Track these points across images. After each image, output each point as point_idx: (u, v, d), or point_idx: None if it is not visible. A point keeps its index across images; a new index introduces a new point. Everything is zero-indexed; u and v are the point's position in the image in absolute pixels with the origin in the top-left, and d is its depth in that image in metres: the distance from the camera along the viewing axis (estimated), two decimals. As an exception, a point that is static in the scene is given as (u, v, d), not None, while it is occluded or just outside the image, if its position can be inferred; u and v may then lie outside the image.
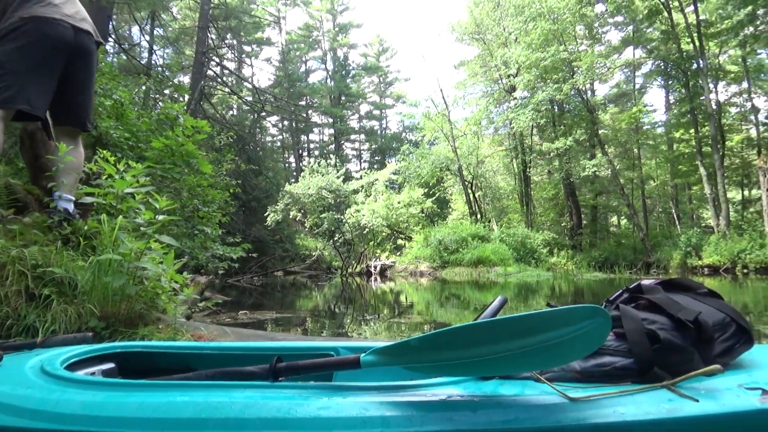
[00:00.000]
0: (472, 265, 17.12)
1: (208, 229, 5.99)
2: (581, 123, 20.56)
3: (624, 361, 1.04)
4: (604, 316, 0.91)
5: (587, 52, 19.41)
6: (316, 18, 41.99)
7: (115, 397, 1.09)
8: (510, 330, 0.96)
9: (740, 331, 1.10)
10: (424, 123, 26.93)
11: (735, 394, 0.97)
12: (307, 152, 43.01)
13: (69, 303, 2.04)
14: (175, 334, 2.19)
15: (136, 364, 1.55)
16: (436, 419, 0.96)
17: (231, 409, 1.02)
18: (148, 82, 11.53)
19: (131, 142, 6.02)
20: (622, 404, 0.96)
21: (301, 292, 12.80)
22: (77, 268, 2.13)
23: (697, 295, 1.18)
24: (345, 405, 1.00)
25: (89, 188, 2.51)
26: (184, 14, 25.22)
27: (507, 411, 0.96)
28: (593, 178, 20.95)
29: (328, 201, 23.29)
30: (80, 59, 2.53)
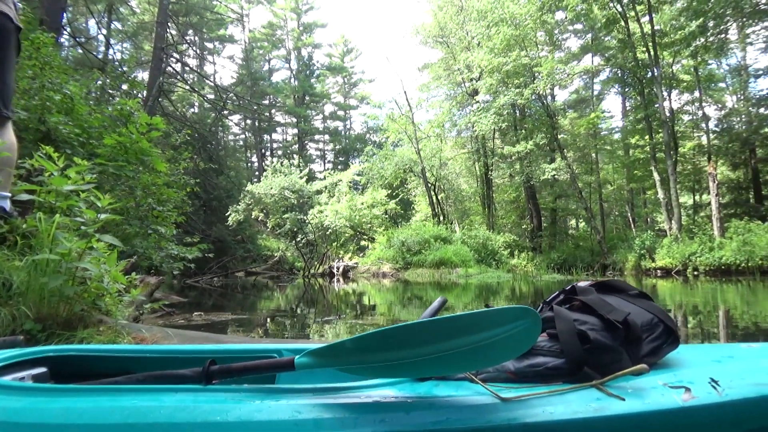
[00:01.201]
0: (434, 266, 17.23)
1: (163, 228, 5.84)
2: (542, 127, 20.99)
3: (556, 361, 1.06)
4: (533, 317, 0.92)
5: (548, 58, 19.83)
6: (280, 17, 41.61)
7: (40, 402, 1.05)
8: (441, 331, 0.96)
9: (667, 331, 1.13)
10: (387, 124, 27.01)
11: (660, 392, 1.00)
12: (270, 152, 42.57)
13: (3, 305, 1.95)
14: (116, 336, 2.12)
15: (70, 368, 1.49)
16: (368, 421, 0.95)
17: (160, 413, 0.99)
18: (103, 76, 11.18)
19: (82, 138, 5.82)
20: (552, 404, 0.97)
21: (262, 293, 12.64)
22: (13, 269, 2.04)
23: (628, 297, 1.22)
24: (278, 407, 0.99)
25: (29, 185, 2.41)
26: (143, 8, 24.61)
27: (439, 412, 0.97)
28: (553, 181, 21.43)
29: (290, 201, 23.09)
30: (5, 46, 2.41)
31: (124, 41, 25.86)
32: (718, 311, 6.67)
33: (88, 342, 1.99)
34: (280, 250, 23.13)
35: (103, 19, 21.32)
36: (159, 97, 18.36)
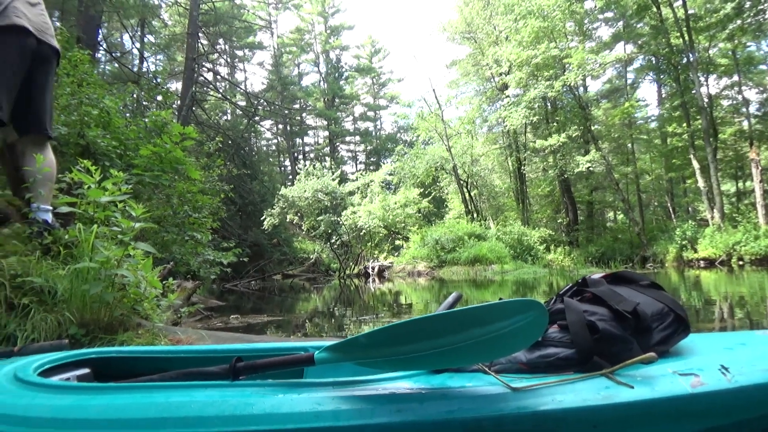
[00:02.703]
0: (469, 263, 17.16)
1: (199, 234, 6.02)
2: (574, 119, 20.62)
3: (566, 351, 1.08)
4: (539, 309, 0.95)
5: (578, 49, 19.47)
6: (307, 21, 42.01)
7: (81, 400, 1.13)
8: (451, 324, 1.00)
9: (678, 320, 1.14)
10: (417, 123, 27.00)
11: (669, 380, 1.01)
12: (302, 155, 43.04)
13: (49, 311, 2.08)
14: (154, 339, 2.23)
15: (111, 369, 1.58)
16: (384, 411, 1.00)
17: (191, 408, 1.06)
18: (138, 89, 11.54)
19: (119, 150, 6.04)
20: (561, 392, 1.00)
21: (299, 295, 12.81)
22: (57, 277, 2.17)
23: (639, 287, 1.23)
24: (299, 400, 1.04)
25: (70, 198, 2.55)
26: (174, 20, 25.24)
27: (452, 401, 1.01)
28: (588, 174, 21.01)
29: (324, 203, 23.31)
30: (40, 66, 2.56)
31: (157, 53, 26.59)
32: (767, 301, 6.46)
33: (128, 344, 2.10)
34: (315, 252, 23.37)
35: (136, 33, 21.95)
36: (192, 107, 18.82)
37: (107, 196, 2.43)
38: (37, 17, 2.51)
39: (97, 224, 2.31)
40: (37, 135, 2.63)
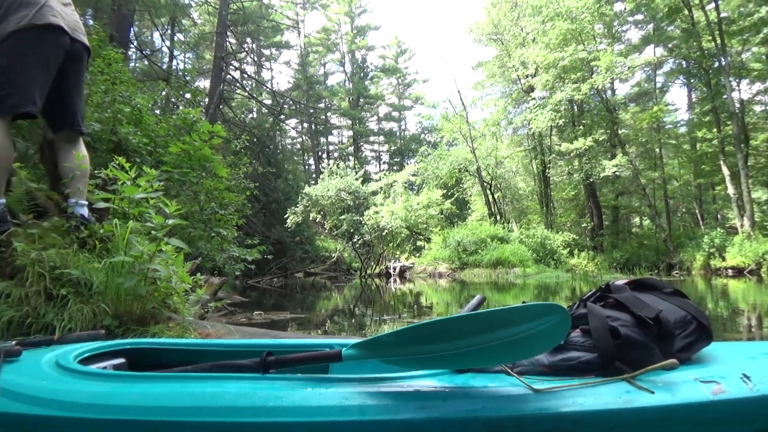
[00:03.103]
0: (491, 266, 17.09)
1: (225, 231, 6.13)
2: (601, 123, 20.35)
3: (588, 355, 1.10)
4: (562, 313, 0.98)
5: (606, 52, 19.21)
6: (334, 21, 42.25)
7: (121, 387, 1.19)
8: (475, 326, 1.03)
9: (701, 328, 1.16)
10: (442, 124, 26.94)
11: (690, 386, 1.03)
12: (326, 154, 43.31)
13: (85, 302, 2.17)
14: (184, 332, 2.30)
15: (144, 359, 1.66)
16: (408, 407, 1.04)
17: (223, 398, 1.11)
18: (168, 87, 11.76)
19: (150, 147, 6.18)
20: (582, 395, 1.02)
21: (320, 293, 12.91)
22: (93, 270, 2.25)
23: (663, 294, 1.24)
24: (327, 394, 1.09)
25: (105, 194, 2.64)
26: (203, 19, 25.60)
27: (474, 401, 1.04)
28: (614, 178, 20.72)
29: (347, 203, 23.43)
30: (72, 64, 2.64)
31: (186, 52, 27.02)
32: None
33: (159, 336, 2.18)
34: (337, 251, 23.51)
35: (166, 31, 22.34)
36: (220, 105, 19.08)
37: (141, 192, 2.52)
38: (70, 16, 2.60)
39: (132, 220, 2.39)
40: (70, 131, 2.72)
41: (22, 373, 1.33)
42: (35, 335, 2.00)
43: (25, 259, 2.13)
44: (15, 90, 2.32)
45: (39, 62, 2.42)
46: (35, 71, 2.40)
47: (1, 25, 2.36)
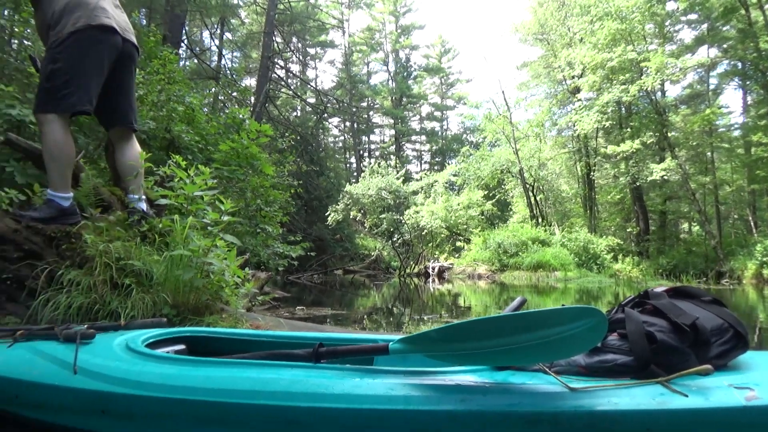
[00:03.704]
0: (531, 269, 16.89)
1: (270, 227, 6.31)
2: (650, 125, 19.78)
3: (624, 358, 1.15)
4: (599, 317, 1.03)
5: (657, 52, 18.66)
6: (378, 20, 42.42)
7: (186, 370, 1.31)
8: (514, 325, 1.09)
9: (737, 336, 1.19)
10: (485, 125, 26.72)
11: (723, 392, 1.06)
12: (367, 153, 43.56)
13: (146, 292, 2.33)
14: (236, 322, 2.44)
15: (202, 346, 1.79)
16: (450, 399, 1.11)
17: (279, 384, 1.21)
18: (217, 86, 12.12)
19: (201, 144, 6.42)
20: (617, 395, 1.07)
21: (359, 291, 13.03)
22: (153, 262, 2.41)
23: (701, 302, 1.27)
24: (374, 384, 1.17)
25: (163, 190, 2.80)
26: (251, 19, 26.16)
27: (513, 396, 1.11)
28: (662, 182, 20.13)
29: (387, 202, 23.55)
30: (124, 63, 2.77)
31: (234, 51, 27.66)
32: None
33: (214, 326, 2.32)
34: (376, 250, 23.65)
35: (216, 30, 22.93)
36: (266, 103, 19.48)
37: (197, 190, 2.67)
38: (120, 17, 2.74)
39: (191, 215, 2.54)
40: (122, 128, 2.88)
41: (97, 354, 1.47)
42: (102, 320, 2.16)
43: (94, 250, 2.30)
44: (74, 89, 2.47)
45: (94, 62, 2.56)
46: (91, 71, 2.55)
47: (57, 28, 2.50)
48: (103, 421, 1.35)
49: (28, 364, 1.50)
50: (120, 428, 1.34)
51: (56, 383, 1.40)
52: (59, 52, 2.45)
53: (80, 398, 1.37)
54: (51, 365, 1.46)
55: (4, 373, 1.51)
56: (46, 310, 2.16)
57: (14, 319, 2.22)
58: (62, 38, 2.46)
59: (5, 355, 1.58)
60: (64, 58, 2.45)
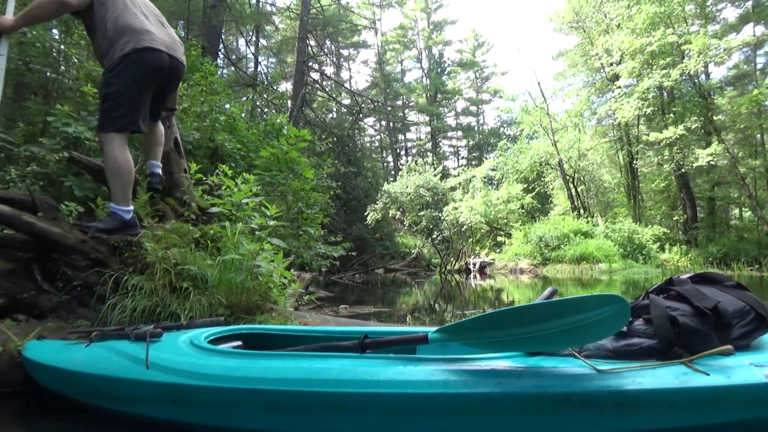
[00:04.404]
0: (574, 261, 16.68)
1: (311, 229, 6.49)
2: (694, 109, 19.16)
3: (649, 342, 1.23)
4: (621, 303, 1.12)
5: (699, 34, 18.07)
6: (410, 18, 42.43)
7: (246, 363, 1.46)
8: (544, 313, 1.19)
9: (758, 318, 1.25)
10: (521, 117, 26.41)
11: (745, 370, 1.13)
12: (404, 151, 43.64)
13: (202, 294, 2.50)
14: (285, 320, 2.60)
15: (256, 341, 1.95)
16: (486, 383, 1.22)
17: (329, 372, 1.35)
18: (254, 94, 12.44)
19: (242, 152, 6.66)
20: (642, 376, 1.16)
21: (401, 289, 13.13)
22: (207, 266, 2.59)
23: (724, 287, 1.34)
24: (416, 371, 1.29)
25: (213, 199, 2.99)
26: (285, 24, 26.61)
27: (544, 378, 1.20)
28: (709, 168, 19.47)
29: (425, 199, 23.60)
30: (170, 79, 2.96)
31: (269, 57, 28.22)
32: None
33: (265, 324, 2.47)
34: (417, 247, 23.72)
35: (251, 38, 23.44)
36: (302, 107, 19.82)
37: (243, 196, 2.84)
38: (167, 36, 2.92)
39: (241, 222, 2.71)
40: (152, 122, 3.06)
41: (165, 350, 1.64)
42: (164, 321, 2.34)
43: (153, 257, 2.49)
44: (128, 110, 2.67)
45: (143, 83, 2.75)
46: (140, 92, 2.74)
47: (110, 53, 2.70)
48: (173, 409, 1.51)
49: (105, 361, 1.69)
50: (189, 416, 1.50)
51: (131, 377, 1.58)
52: (112, 76, 2.66)
53: (153, 390, 1.54)
54: (125, 361, 1.64)
55: (85, 369, 1.70)
56: (114, 313, 2.36)
57: (85, 322, 2.43)
58: (114, 63, 2.65)
59: (84, 354, 1.78)
60: (116, 82, 2.66)
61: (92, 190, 4.63)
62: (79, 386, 1.75)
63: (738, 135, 21.18)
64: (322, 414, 1.32)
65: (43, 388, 1.92)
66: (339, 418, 1.30)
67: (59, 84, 6.35)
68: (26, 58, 5.98)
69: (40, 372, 1.89)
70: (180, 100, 6.20)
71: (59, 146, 4.91)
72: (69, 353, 1.82)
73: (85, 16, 2.75)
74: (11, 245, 2.44)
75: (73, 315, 2.47)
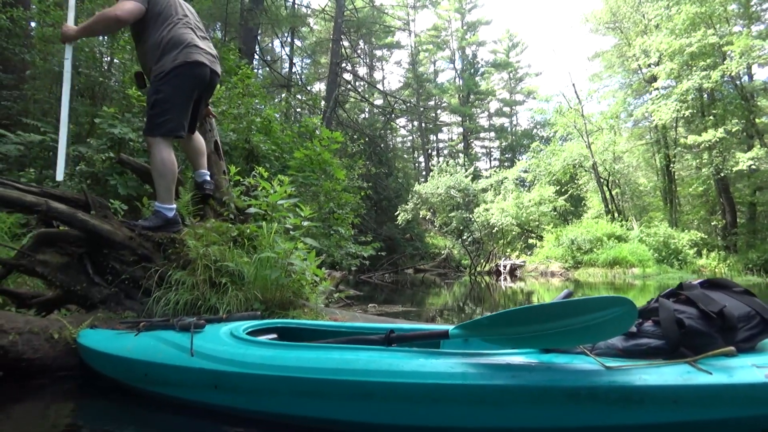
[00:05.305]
0: (607, 266, 16.45)
1: (342, 229, 6.64)
2: (735, 112, 18.66)
3: (657, 342, 1.31)
4: (629, 305, 1.20)
5: (741, 34, 17.59)
6: (444, 18, 42.37)
7: (281, 353, 1.60)
8: (556, 312, 1.28)
9: (763, 322, 1.32)
10: (555, 119, 26.11)
11: (746, 370, 1.21)
12: (436, 152, 43.59)
13: (239, 290, 2.66)
14: (317, 316, 2.73)
15: (290, 334, 2.09)
16: (502, 376, 1.32)
17: (357, 363, 1.47)
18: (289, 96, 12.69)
19: (277, 153, 6.85)
20: (648, 373, 1.24)
21: (430, 290, 13.18)
22: (244, 263, 2.75)
23: (732, 293, 1.41)
24: (437, 363, 1.40)
25: (250, 200, 3.15)
26: (320, 26, 26.94)
27: (556, 373, 1.29)
28: (750, 172, 18.92)
29: (456, 200, 23.59)
30: (209, 90, 3.18)
31: (304, 58, 28.63)
32: None
33: (298, 319, 2.62)
34: (447, 248, 23.73)
35: (286, 39, 23.82)
36: (335, 108, 20.06)
37: (279, 197, 2.99)
38: (209, 48, 3.10)
39: (276, 221, 2.87)
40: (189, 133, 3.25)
41: (208, 340, 1.79)
42: (204, 314, 2.51)
43: (195, 253, 2.66)
44: (173, 116, 2.87)
45: (188, 93, 2.96)
46: (185, 101, 2.95)
47: (160, 63, 2.89)
48: (215, 394, 1.66)
49: (153, 349, 1.85)
50: (229, 400, 1.64)
51: (177, 364, 1.73)
52: (161, 84, 2.85)
53: (197, 376, 1.69)
54: (172, 350, 1.80)
55: (135, 356, 1.86)
56: (158, 305, 2.53)
57: (132, 314, 2.61)
58: (165, 72, 2.84)
59: (134, 342, 1.94)
60: (165, 90, 2.85)
61: (135, 189, 4.88)
62: (129, 371, 1.91)
63: (781, 138, 20.52)
64: (350, 401, 1.44)
65: (96, 373, 2.09)
66: (365, 405, 1.42)
67: (105, 86, 6.67)
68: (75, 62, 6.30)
69: (94, 358, 2.07)
70: (218, 103, 6.44)
71: (105, 146, 5.17)
72: (120, 341, 1.99)
73: (134, 25, 2.94)
74: (66, 241, 2.64)
75: (120, 307, 2.66)
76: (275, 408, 1.56)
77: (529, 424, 1.31)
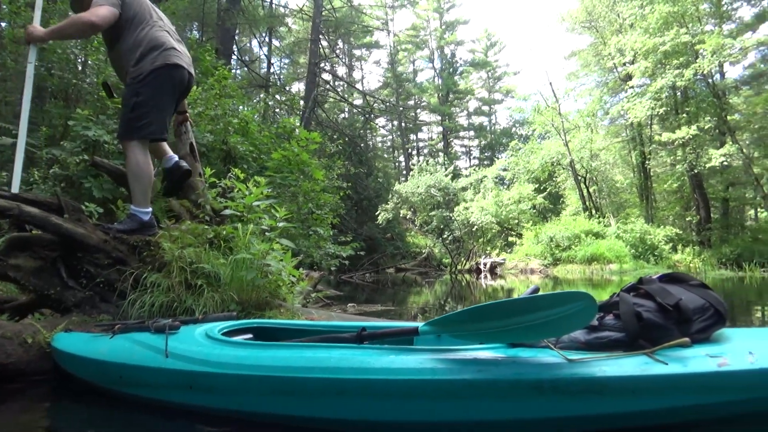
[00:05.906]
0: (585, 262, 16.71)
1: (321, 229, 6.64)
2: (708, 109, 19.07)
3: (617, 335, 1.36)
4: (589, 299, 1.25)
5: (713, 33, 17.97)
6: (423, 18, 42.52)
7: (255, 352, 1.62)
8: (519, 308, 1.32)
9: (717, 314, 1.38)
10: (533, 117, 26.40)
11: (700, 360, 1.26)
12: (416, 151, 43.71)
13: (215, 291, 2.67)
14: (293, 316, 2.75)
15: (266, 334, 2.11)
16: (469, 370, 1.36)
17: (330, 361, 1.49)
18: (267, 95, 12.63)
19: (255, 154, 6.82)
20: (608, 365, 1.29)
21: (411, 289, 13.22)
22: (220, 265, 2.75)
23: (689, 286, 1.47)
24: (407, 360, 1.43)
25: (226, 201, 3.15)
26: (298, 26, 26.83)
27: (521, 366, 1.34)
28: (723, 168, 19.34)
29: (437, 199, 23.71)
30: (184, 93, 3.17)
31: (282, 58, 28.50)
32: None
33: (274, 319, 2.63)
34: (427, 247, 23.85)
35: (264, 39, 23.68)
36: (314, 108, 20.01)
37: (254, 199, 3.00)
38: (185, 51, 3.10)
39: (252, 223, 2.88)
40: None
41: (183, 341, 1.80)
42: (181, 315, 2.51)
43: (170, 256, 2.65)
44: (153, 119, 2.85)
45: (168, 95, 2.95)
46: (166, 103, 2.95)
47: (140, 65, 2.87)
48: (190, 395, 1.67)
49: (128, 351, 1.85)
50: (204, 400, 1.65)
51: (152, 365, 1.74)
52: (141, 86, 2.82)
53: (172, 377, 1.70)
54: (147, 351, 1.80)
55: (110, 359, 1.87)
56: (133, 308, 2.53)
57: (107, 317, 2.60)
58: (143, 74, 2.82)
59: (109, 345, 1.95)
60: (144, 92, 2.83)
61: (110, 192, 4.83)
62: (104, 374, 1.92)
63: (753, 135, 21.03)
64: (323, 398, 1.47)
65: (70, 376, 2.09)
66: (338, 401, 1.45)
67: (78, 88, 6.58)
68: (47, 64, 6.21)
69: (68, 361, 2.06)
70: (194, 104, 6.40)
71: (79, 149, 5.11)
72: (94, 344, 1.99)
73: (107, 30, 2.92)
74: (40, 245, 2.62)
75: (95, 310, 2.64)
76: (250, 407, 1.58)
77: (496, 417, 1.35)
